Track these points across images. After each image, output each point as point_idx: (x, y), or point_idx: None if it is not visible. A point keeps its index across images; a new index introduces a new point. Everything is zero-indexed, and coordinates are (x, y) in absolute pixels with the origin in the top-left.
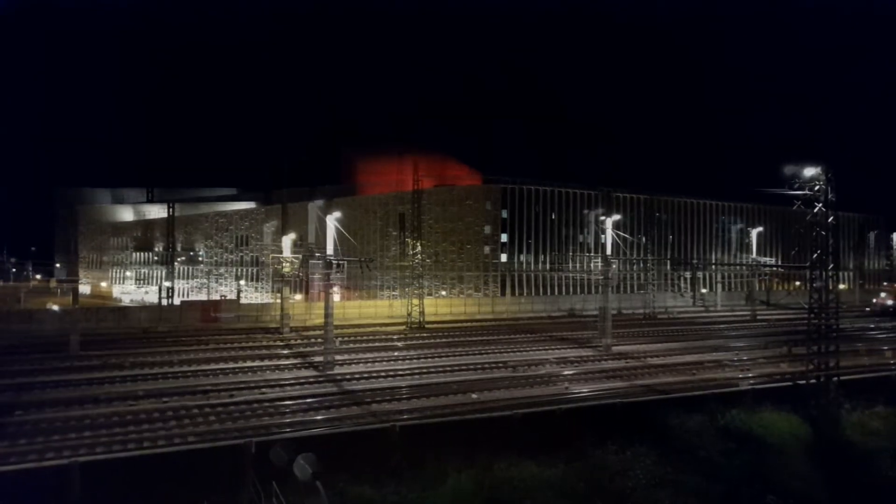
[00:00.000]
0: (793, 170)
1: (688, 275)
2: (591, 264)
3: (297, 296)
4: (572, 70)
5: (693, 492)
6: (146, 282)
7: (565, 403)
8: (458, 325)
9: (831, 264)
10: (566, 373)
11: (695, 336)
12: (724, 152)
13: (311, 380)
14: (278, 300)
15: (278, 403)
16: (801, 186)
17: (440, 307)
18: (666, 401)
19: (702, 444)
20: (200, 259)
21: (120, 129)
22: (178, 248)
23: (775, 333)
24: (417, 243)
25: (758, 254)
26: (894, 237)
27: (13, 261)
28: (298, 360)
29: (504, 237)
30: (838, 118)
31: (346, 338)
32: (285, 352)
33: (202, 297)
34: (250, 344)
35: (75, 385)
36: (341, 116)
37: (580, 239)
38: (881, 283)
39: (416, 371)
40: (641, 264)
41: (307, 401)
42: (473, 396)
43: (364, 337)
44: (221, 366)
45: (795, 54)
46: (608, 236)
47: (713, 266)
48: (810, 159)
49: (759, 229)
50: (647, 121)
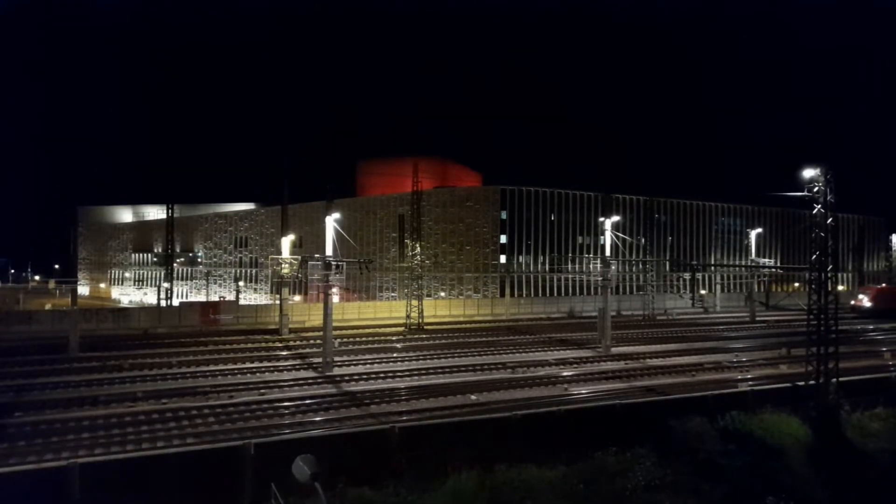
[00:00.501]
0: (792, 171)
1: (687, 276)
2: (591, 266)
3: (297, 297)
4: (572, 71)
5: (693, 493)
6: (145, 283)
7: (565, 405)
8: (458, 326)
9: (830, 265)
10: (566, 374)
11: (694, 337)
12: (724, 153)
13: (310, 381)
14: (277, 301)
15: (277, 405)
16: (800, 187)
17: (439, 308)
18: (666, 402)
19: (701, 446)
20: (199, 260)
21: (119, 129)
22: (177, 249)
23: (774, 335)
24: (417, 245)
25: (757, 255)
26: (893, 238)
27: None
28: (297, 362)
29: (503, 238)
30: (838, 119)
31: (345, 339)
32: (284, 353)
33: (201, 298)
34: (249, 345)
35: (75, 386)
36: (341, 117)
37: (579, 240)
38: (880, 284)
39: (415, 372)
40: (640, 266)
41: (306, 402)
42: (473, 398)
43: (363, 338)
44: (220, 367)
45: (795, 54)
46: (607, 238)
47: (712, 267)
48: (809, 160)
49: (758, 230)
50: (646, 122)
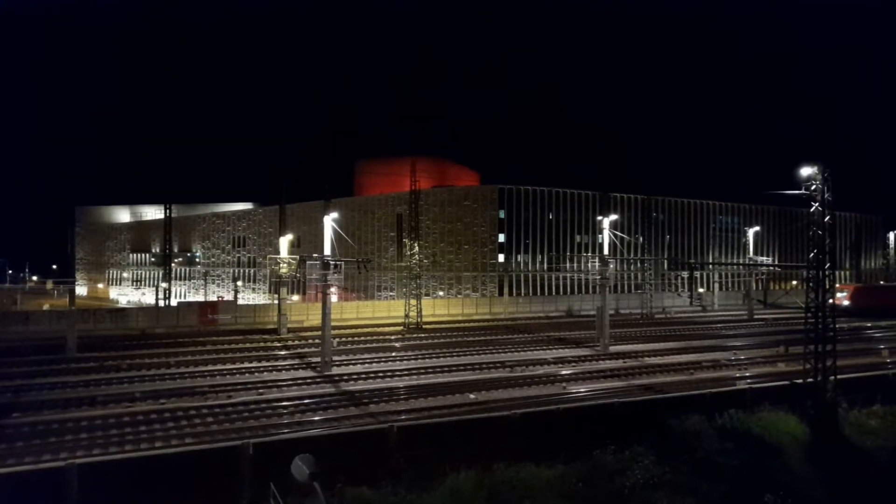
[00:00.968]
0: (790, 169)
1: (685, 275)
2: (589, 264)
3: (295, 297)
4: (570, 70)
5: (691, 491)
6: (143, 283)
7: (563, 403)
8: (456, 325)
9: (828, 264)
10: (564, 373)
11: (692, 336)
12: (722, 152)
13: (308, 380)
14: (275, 301)
15: (276, 404)
16: (797, 186)
17: (438, 308)
18: (664, 400)
19: (700, 444)
20: (197, 260)
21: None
22: (175, 249)
23: (772, 333)
24: (415, 244)
25: (755, 253)
26: (891, 236)
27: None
28: (296, 361)
29: (502, 238)
30: (836, 117)
31: (343, 338)
32: (283, 352)
33: (199, 298)
34: (248, 345)
35: (72, 386)
36: (340, 117)
37: (578, 239)
38: (878, 281)
39: (413, 371)
40: (639, 264)
41: (305, 401)
42: (471, 397)
43: (361, 338)
44: (219, 367)
45: (795, 54)
46: (605, 236)
47: (710, 266)
48: (807, 158)
49: (756, 229)
50: (645, 121)
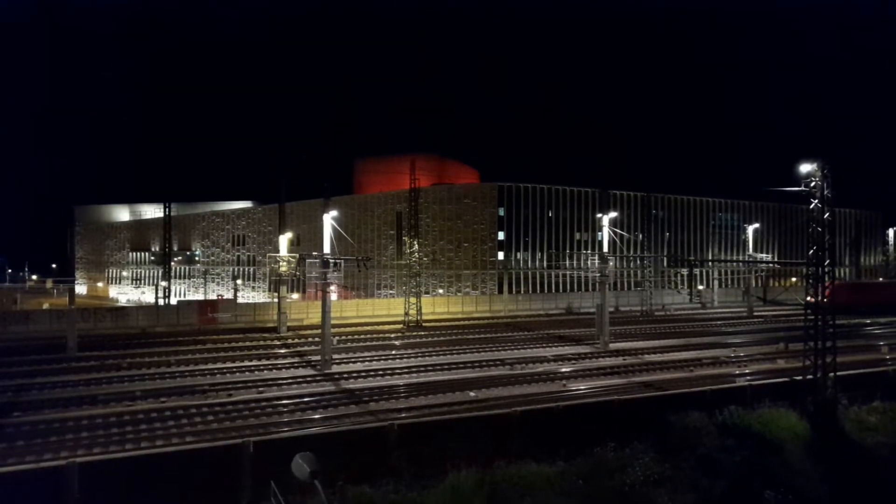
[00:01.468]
0: (790, 166)
1: (685, 272)
2: (589, 262)
3: (295, 295)
4: (569, 68)
5: (692, 488)
6: (143, 282)
7: (563, 401)
8: (456, 323)
9: (828, 260)
10: (564, 370)
11: (692, 333)
12: (722, 149)
13: (308, 379)
14: (275, 300)
15: (276, 403)
16: (797, 182)
17: (438, 306)
18: (664, 398)
19: (700, 441)
20: (197, 259)
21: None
22: (175, 247)
23: (772, 330)
24: (415, 242)
25: (754, 250)
26: (890, 233)
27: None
28: (296, 359)
29: (501, 235)
30: (835, 114)
31: (343, 337)
32: (283, 351)
33: (199, 296)
34: (248, 343)
35: (73, 385)
36: (339, 115)
37: (577, 237)
38: (877, 278)
39: (413, 369)
40: (638, 262)
41: (305, 400)
42: (472, 394)
43: (361, 336)
44: (219, 365)
45: (795, 51)
46: (605, 234)
47: (710, 263)
48: (807, 155)
49: (755, 226)
50: (644, 118)
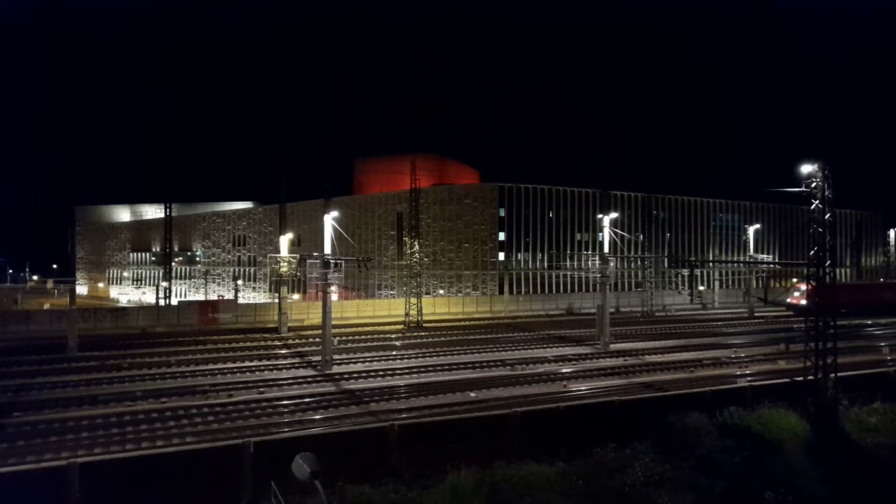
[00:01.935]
0: (790, 166)
1: (685, 272)
2: (589, 262)
3: (295, 295)
4: (570, 68)
5: (692, 488)
6: (143, 282)
7: (564, 401)
8: (457, 324)
9: (829, 261)
10: (565, 371)
11: (692, 334)
12: (722, 149)
13: (309, 379)
14: (276, 300)
15: (277, 403)
16: (798, 183)
17: (438, 306)
18: (664, 398)
19: (700, 442)
20: (198, 259)
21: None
22: (176, 248)
23: (773, 330)
24: (415, 242)
25: (755, 251)
26: (891, 233)
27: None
28: (297, 360)
29: (502, 236)
30: (835, 114)
31: (344, 337)
32: (283, 351)
33: (199, 297)
34: (248, 344)
35: (73, 386)
36: (339, 115)
37: (578, 237)
38: (878, 278)
39: (414, 370)
40: (639, 262)
41: (305, 400)
42: (472, 395)
43: (362, 336)
44: (219, 366)
45: (795, 51)
46: (606, 234)
47: (711, 264)
48: (808, 156)
49: (756, 226)
50: (644, 118)
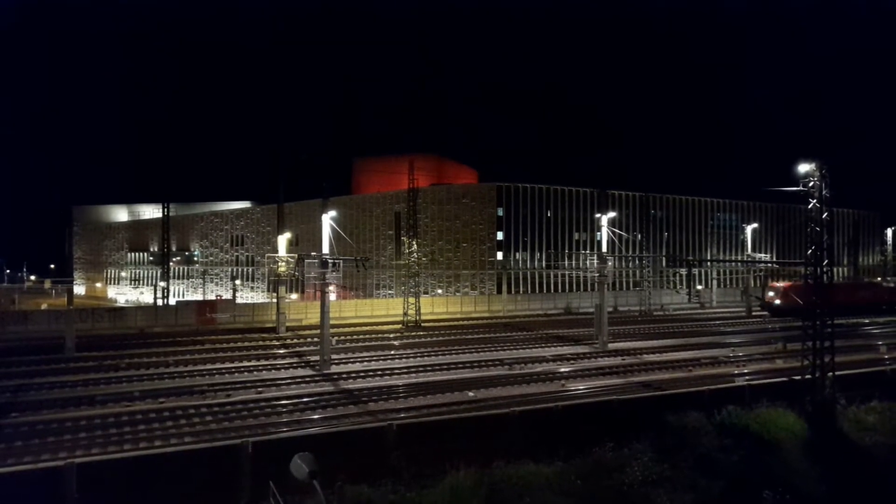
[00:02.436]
0: (788, 166)
1: (683, 272)
2: (587, 262)
3: (293, 295)
4: (569, 67)
5: (690, 488)
6: (141, 282)
7: (562, 401)
8: (455, 323)
9: (826, 260)
10: (563, 370)
11: (690, 333)
12: (721, 149)
13: (307, 379)
14: (274, 300)
15: (275, 403)
16: (795, 182)
17: (436, 306)
18: (662, 398)
19: (698, 441)
20: (196, 259)
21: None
22: (174, 248)
23: (771, 330)
24: (413, 242)
25: (753, 250)
26: (888, 233)
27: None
28: (295, 360)
29: (500, 235)
30: (835, 114)
31: (342, 337)
32: (281, 351)
33: (198, 297)
34: (246, 344)
35: (71, 386)
36: (337, 115)
37: (576, 237)
38: (875, 277)
39: (412, 369)
40: (637, 262)
41: (304, 400)
42: (470, 394)
43: (360, 336)
44: (218, 366)
45: (795, 51)
46: (604, 234)
47: (708, 263)
48: (805, 155)
49: (754, 226)
50: (643, 118)
